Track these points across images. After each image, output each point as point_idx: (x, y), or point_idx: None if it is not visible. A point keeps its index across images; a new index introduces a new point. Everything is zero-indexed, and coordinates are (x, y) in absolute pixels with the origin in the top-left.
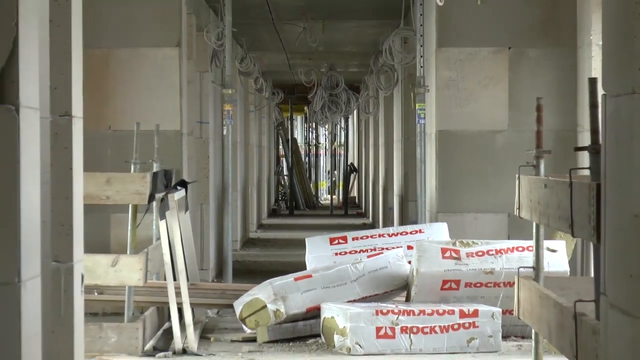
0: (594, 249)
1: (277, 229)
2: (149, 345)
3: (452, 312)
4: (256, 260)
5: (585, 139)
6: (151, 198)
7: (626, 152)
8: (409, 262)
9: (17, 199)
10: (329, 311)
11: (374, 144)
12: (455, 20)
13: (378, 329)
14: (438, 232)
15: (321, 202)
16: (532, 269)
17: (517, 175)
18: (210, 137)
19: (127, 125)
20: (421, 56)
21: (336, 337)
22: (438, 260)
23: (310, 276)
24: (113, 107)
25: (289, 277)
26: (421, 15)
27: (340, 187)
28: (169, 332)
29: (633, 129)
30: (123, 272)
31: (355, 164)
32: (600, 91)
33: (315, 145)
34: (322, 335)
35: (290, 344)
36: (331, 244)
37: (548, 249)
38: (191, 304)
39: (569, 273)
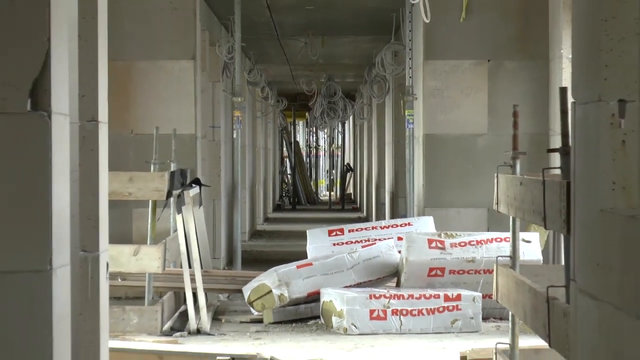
0: (564, 240)
1: (281, 222)
2: (166, 326)
3: (438, 297)
4: (262, 250)
5: (556, 142)
6: (169, 194)
7: (593, 153)
8: (399, 252)
9: (49, 195)
10: (327, 295)
11: (367, 146)
12: (440, 35)
13: (371, 312)
14: (425, 225)
15: (321, 198)
16: (509, 258)
17: (495, 174)
18: (222, 140)
19: (148, 129)
20: (410, 68)
21: (334, 319)
22: (425, 250)
23: (311, 264)
24: (135, 113)
25: (292, 265)
26: (410, 31)
27: (338, 185)
28: (184, 314)
29: (599, 132)
30: (144, 260)
31: (351, 164)
32: (570, 99)
33: (315, 147)
34: (321, 317)
35: (293, 324)
36: (329, 235)
37: (523, 240)
38: (204, 289)
39: (542, 261)
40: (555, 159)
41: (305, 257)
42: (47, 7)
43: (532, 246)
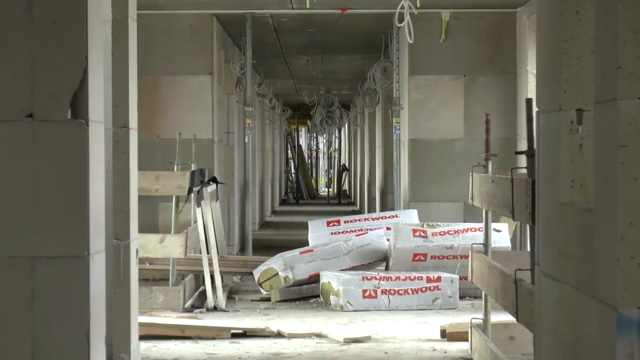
0: (530, 230)
1: (286, 215)
2: (188, 304)
3: (421, 278)
4: (270, 238)
5: (523, 145)
6: (190, 191)
7: (554, 155)
8: (388, 240)
9: (86, 192)
10: (326, 277)
11: (360, 149)
12: (423, 54)
13: (364, 291)
14: (410, 217)
15: (320, 193)
16: (482, 245)
17: (470, 173)
18: (235, 144)
19: (171, 134)
20: (397, 82)
21: (332, 297)
22: (410, 238)
23: (312, 250)
24: (160, 121)
25: (296, 251)
26: (397, 50)
27: (335, 182)
28: (203, 294)
29: (560, 137)
30: (168, 247)
31: (347, 165)
32: (534, 109)
33: (316, 150)
34: (321, 296)
35: (297, 302)
36: (328, 225)
37: (494, 229)
38: (220, 272)
39: (510, 248)
40: (522, 160)
41: (307, 244)
42: (85, 30)
43: (502, 235)
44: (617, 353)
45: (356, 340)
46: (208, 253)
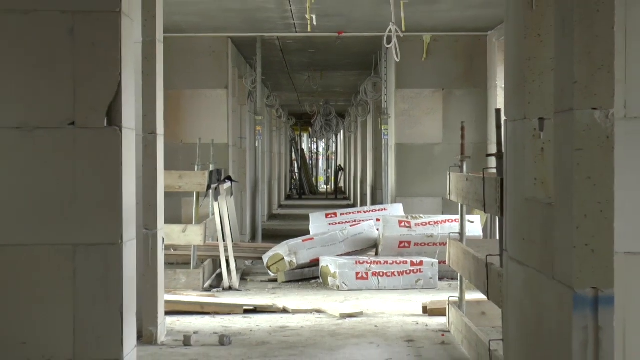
0: (499, 221)
1: (290, 208)
2: (207, 284)
3: (406, 262)
4: (277, 228)
5: (492, 149)
6: (208, 187)
7: (520, 157)
8: (378, 229)
9: (120, 188)
10: (324, 262)
11: (354, 152)
12: (408, 71)
13: (357, 274)
14: (396, 210)
15: (320, 190)
16: (458, 234)
17: (448, 173)
18: (247, 147)
19: (193, 139)
20: (385, 94)
21: (329, 279)
22: (396, 228)
23: (312, 239)
24: (183, 128)
25: (299, 239)
26: (385, 67)
27: (332, 180)
28: (219, 276)
29: (524, 142)
30: (190, 236)
31: (342, 165)
32: (503, 118)
33: (316, 152)
34: (320, 277)
35: (299, 283)
36: (326, 217)
37: (468, 220)
38: (234, 257)
39: (482, 237)
40: (492, 162)
41: (309, 233)
42: (119, 50)
43: (475, 225)
44: (574, 326)
45: (350, 316)
46: (224, 241)
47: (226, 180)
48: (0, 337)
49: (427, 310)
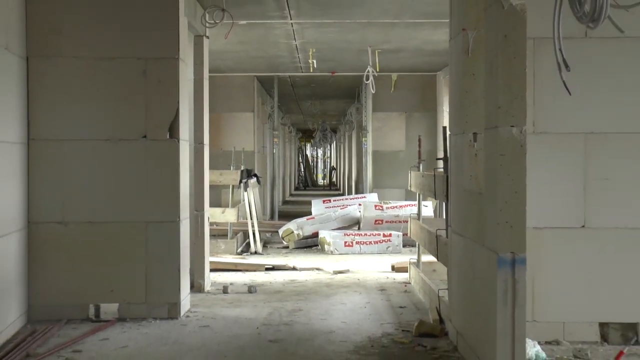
0: (445, 205)
1: (298, 196)
2: (239, 250)
3: (379, 234)
4: (289, 210)
5: (440, 155)
6: (240, 182)
7: (460, 160)
8: (359, 211)
9: (178, 182)
10: (322, 234)
11: (343, 156)
12: (380, 99)
13: (345, 242)
14: (373, 197)
15: (319, 183)
16: (416, 214)
17: (409, 171)
18: (267, 153)
19: (229, 148)
20: (365, 116)
21: (326, 246)
22: (373, 210)
23: (313, 218)
24: (222, 140)
25: (304, 218)
26: (364, 97)
27: (327, 177)
28: (248, 244)
29: (463, 149)
30: (227, 216)
31: (334, 166)
32: (447, 132)
33: (316, 157)
34: (319, 245)
35: (304, 249)
36: (323, 203)
37: (424, 205)
38: (259, 231)
39: (433, 216)
40: (440, 164)
41: (311, 214)
42: (177, 85)
43: (428, 208)
44: (498, 279)
45: (340, 272)
46: (251, 219)
47: (253, 176)
48: (98, 286)
49: (394, 268)
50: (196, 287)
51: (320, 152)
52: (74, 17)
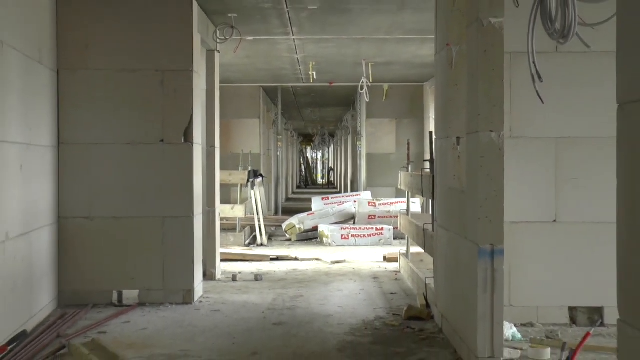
0: (432, 202)
1: (300, 194)
2: (246, 242)
3: (372, 228)
4: (291, 206)
5: (427, 157)
6: (248, 181)
7: (445, 161)
8: (355, 207)
9: (192, 181)
10: (321, 228)
11: (340, 158)
12: (374, 107)
13: (342, 235)
14: (367, 195)
15: (318, 182)
16: (405, 210)
17: (399, 172)
18: (272, 156)
19: (237, 151)
20: (359, 122)
21: (324, 239)
22: (366, 207)
23: (313, 213)
24: (232, 143)
25: (305, 214)
26: (359, 104)
27: (326, 176)
28: (255, 237)
29: (447, 152)
30: (236, 211)
31: (332, 167)
32: (434, 137)
33: (316, 159)
34: (318, 237)
35: (305, 241)
36: (322, 200)
37: (412, 202)
38: (264, 225)
39: (421, 212)
40: (427, 165)
41: (311, 210)
42: (191, 95)
43: (416, 205)
44: (479, 268)
45: (337, 262)
46: (257, 214)
47: (259, 176)
48: (120, 274)
49: (386, 259)
50: (208, 275)
51: (319, 154)
52: (98, 34)
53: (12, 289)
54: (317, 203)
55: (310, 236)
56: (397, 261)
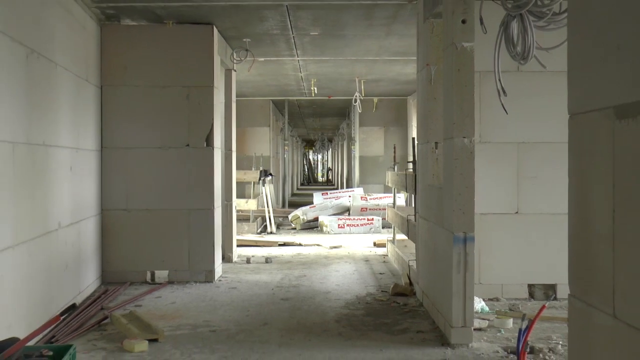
0: (414, 196)
1: (303, 190)
2: (258, 231)
3: (364, 219)
4: (296, 200)
5: (410, 158)
6: (259, 179)
7: (425, 163)
8: (349, 201)
9: (212, 179)
10: (322, 218)
11: (337, 160)
12: (365, 116)
13: (339, 225)
14: (360, 191)
15: (319, 180)
16: (392, 204)
17: (387, 171)
18: (280, 158)
19: (251, 153)
20: (353, 130)
21: (324, 228)
22: (359, 200)
23: (315, 206)
24: (246, 147)
25: (308, 206)
26: (353, 115)
27: (325, 175)
28: (265, 226)
29: (427, 155)
30: (250, 204)
31: (330, 167)
32: (416, 142)
33: (316, 160)
34: (319, 227)
35: (308, 230)
36: (322, 195)
37: (398, 196)
38: (273, 216)
39: (405, 205)
40: (410, 165)
41: (312, 203)
42: (212, 107)
43: (401, 199)
44: (453, 253)
45: (335, 247)
46: (268, 207)
47: (269, 175)
48: (153, 257)
49: (375, 244)
50: (226, 258)
51: (319, 156)
52: (135, 57)
53: (64, 269)
54: (317, 198)
55: (312, 225)
56: (385, 246)
